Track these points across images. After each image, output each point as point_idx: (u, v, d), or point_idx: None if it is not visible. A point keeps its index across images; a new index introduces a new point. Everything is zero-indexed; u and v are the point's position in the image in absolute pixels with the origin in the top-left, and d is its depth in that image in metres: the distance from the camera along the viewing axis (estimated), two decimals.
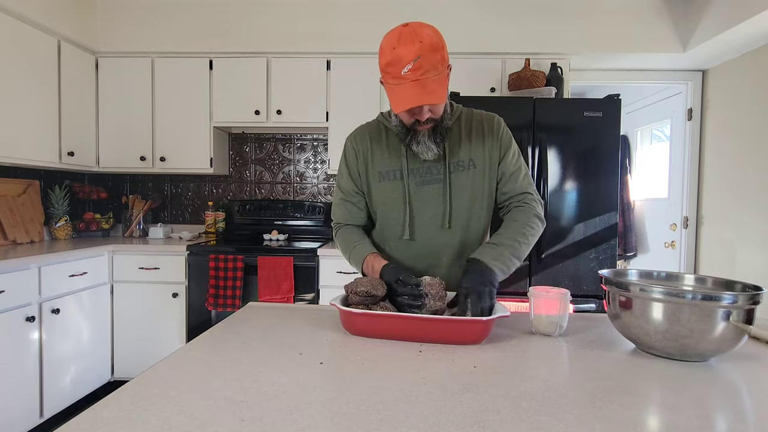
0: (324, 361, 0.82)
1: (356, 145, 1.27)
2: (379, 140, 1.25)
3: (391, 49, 1.02)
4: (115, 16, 2.94)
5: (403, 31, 1.03)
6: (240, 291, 2.56)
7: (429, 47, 1.01)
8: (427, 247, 1.24)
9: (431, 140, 1.15)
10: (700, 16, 2.65)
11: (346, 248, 1.26)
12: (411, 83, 1.02)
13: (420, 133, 1.15)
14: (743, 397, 0.71)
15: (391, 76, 1.04)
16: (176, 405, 0.64)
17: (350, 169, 1.28)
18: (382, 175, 1.23)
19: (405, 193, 1.21)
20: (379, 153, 1.24)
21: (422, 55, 1.00)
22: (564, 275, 2.42)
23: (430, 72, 1.02)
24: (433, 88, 1.03)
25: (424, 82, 1.02)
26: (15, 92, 2.37)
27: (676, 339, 0.82)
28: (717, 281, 0.96)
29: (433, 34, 1.03)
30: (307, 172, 3.32)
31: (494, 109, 2.41)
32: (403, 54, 1.00)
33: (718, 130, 2.96)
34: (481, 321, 0.90)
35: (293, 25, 2.90)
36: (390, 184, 1.23)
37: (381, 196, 1.24)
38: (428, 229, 1.23)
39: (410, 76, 1.01)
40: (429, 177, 1.21)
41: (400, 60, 1.01)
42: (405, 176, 1.21)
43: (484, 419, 0.61)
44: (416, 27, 1.03)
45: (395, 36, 1.03)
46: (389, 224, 1.26)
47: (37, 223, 2.75)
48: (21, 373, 2.06)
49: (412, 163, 1.21)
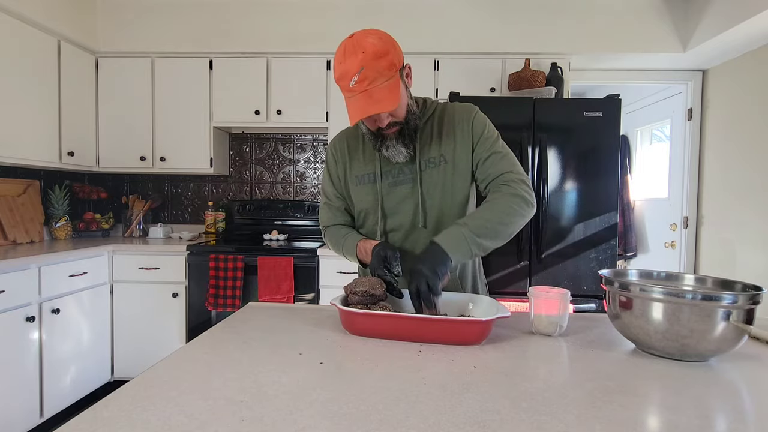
0: (324, 361, 0.82)
1: (335, 151, 1.29)
2: (356, 145, 1.27)
3: (339, 64, 1.04)
4: (115, 16, 2.94)
5: (347, 44, 1.04)
6: (240, 291, 2.56)
7: (372, 56, 1.01)
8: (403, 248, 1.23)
9: (400, 143, 1.15)
10: (700, 16, 2.65)
11: (337, 243, 1.28)
12: (360, 95, 1.03)
13: (387, 137, 1.15)
14: (744, 398, 0.71)
15: (344, 89, 1.06)
16: (176, 405, 0.64)
17: (331, 174, 1.30)
18: (359, 179, 1.25)
19: (378, 195, 1.22)
20: (356, 158, 1.26)
21: (365, 65, 1.00)
22: (564, 275, 2.42)
23: (377, 80, 1.02)
24: (381, 96, 1.03)
25: (371, 92, 1.03)
26: (15, 92, 2.37)
27: (676, 339, 0.82)
28: (717, 281, 0.96)
29: (377, 42, 1.02)
30: (307, 172, 3.32)
31: (494, 109, 2.41)
32: (348, 67, 1.02)
33: (718, 130, 2.96)
34: (480, 321, 0.90)
35: (293, 25, 2.90)
36: (365, 187, 1.24)
37: (358, 199, 1.26)
38: (402, 230, 1.23)
39: (357, 87, 1.02)
40: (401, 177, 1.21)
41: (347, 73, 1.02)
42: (378, 179, 1.22)
43: (484, 419, 0.61)
44: (360, 37, 1.03)
45: (341, 50, 1.04)
46: (368, 227, 1.28)
47: (37, 223, 2.75)
48: (21, 373, 2.06)
49: (385, 166, 1.22)
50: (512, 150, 1.24)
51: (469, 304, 1.09)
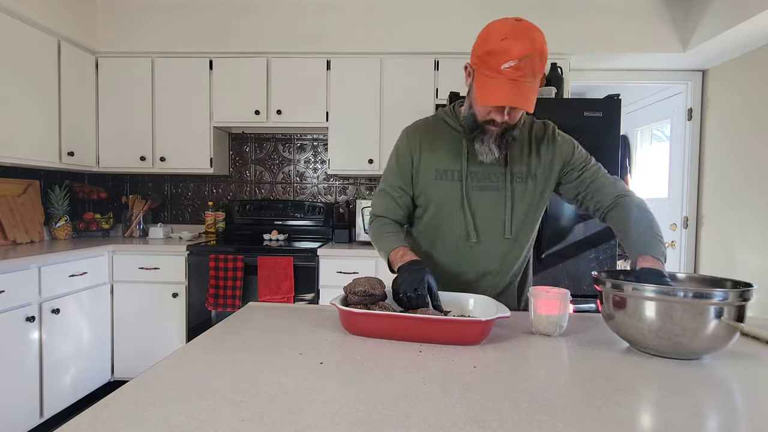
0: (324, 361, 0.82)
1: (412, 141, 1.22)
2: (436, 138, 1.21)
3: (499, 40, 0.96)
4: (115, 16, 2.94)
5: (515, 25, 0.97)
6: (240, 291, 2.56)
7: (539, 51, 0.96)
8: (483, 253, 1.20)
9: (495, 143, 1.10)
10: (700, 16, 2.65)
11: (378, 237, 1.22)
12: (509, 81, 0.96)
13: (488, 132, 1.09)
14: (738, 395, 0.71)
15: (488, 66, 0.98)
16: (176, 405, 0.64)
17: (400, 163, 1.23)
18: (439, 173, 1.19)
19: (463, 195, 1.17)
20: (436, 149, 1.20)
21: (531, 55, 0.95)
22: (564, 275, 2.42)
23: (528, 76, 0.97)
24: (529, 93, 0.98)
25: (521, 84, 0.97)
26: (15, 92, 2.37)
27: (669, 338, 0.82)
28: (708, 279, 0.96)
29: (543, 40, 0.98)
30: (307, 172, 3.33)
31: None
32: (511, 47, 0.95)
33: (718, 130, 2.96)
34: (480, 321, 0.90)
35: (293, 25, 2.90)
36: (447, 184, 1.18)
37: (436, 195, 1.20)
38: (486, 235, 1.19)
39: (509, 73, 0.96)
40: (488, 183, 1.17)
41: (506, 53, 0.95)
42: (464, 178, 1.17)
43: (484, 419, 0.61)
44: (530, 26, 0.98)
45: (507, 27, 0.97)
46: (442, 225, 1.21)
47: (37, 223, 2.75)
48: (21, 373, 2.06)
49: (472, 166, 1.17)
50: None
51: (469, 302, 1.09)
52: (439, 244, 1.24)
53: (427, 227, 1.25)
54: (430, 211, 1.22)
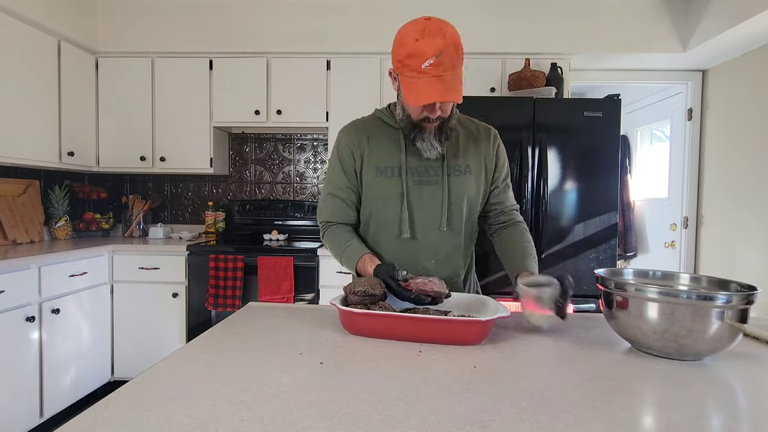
0: (324, 361, 0.82)
1: (350, 140, 1.23)
2: (376, 135, 1.23)
3: (413, 41, 1.00)
4: (115, 16, 2.94)
5: (427, 24, 1.01)
6: (240, 291, 2.56)
7: (452, 44, 1.00)
8: (422, 247, 1.22)
9: (436, 138, 1.14)
10: (700, 16, 2.65)
11: (337, 249, 1.23)
12: (432, 78, 1.00)
13: (426, 130, 1.13)
14: (741, 396, 0.71)
15: (410, 68, 1.02)
16: (176, 405, 0.64)
17: (342, 163, 1.23)
18: (380, 170, 1.21)
19: (403, 190, 1.19)
20: (377, 148, 1.21)
21: (445, 51, 0.99)
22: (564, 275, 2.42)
23: (449, 70, 1.01)
24: (454, 85, 1.02)
25: (444, 78, 1.00)
26: (15, 92, 2.37)
27: (675, 339, 0.82)
28: (712, 281, 0.96)
29: (455, 33, 1.02)
30: (307, 172, 3.32)
31: (494, 109, 2.42)
32: (425, 47, 0.98)
33: (718, 130, 2.96)
34: (480, 321, 0.90)
35: (293, 25, 2.90)
36: (388, 180, 1.20)
37: (377, 192, 1.22)
38: (425, 230, 1.22)
39: (431, 71, 0.99)
40: (427, 177, 1.20)
41: (422, 53, 0.99)
42: (404, 173, 1.19)
43: (484, 419, 0.61)
44: (440, 23, 1.02)
45: (418, 28, 1.01)
46: (384, 222, 1.23)
47: (37, 223, 2.75)
48: (21, 373, 2.06)
49: (411, 161, 1.20)
50: (512, 150, 1.29)
51: (476, 303, 1.09)
52: (381, 240, 1.25)
53: (368, 225, 1.27)
54: (371, 208, 1.24)
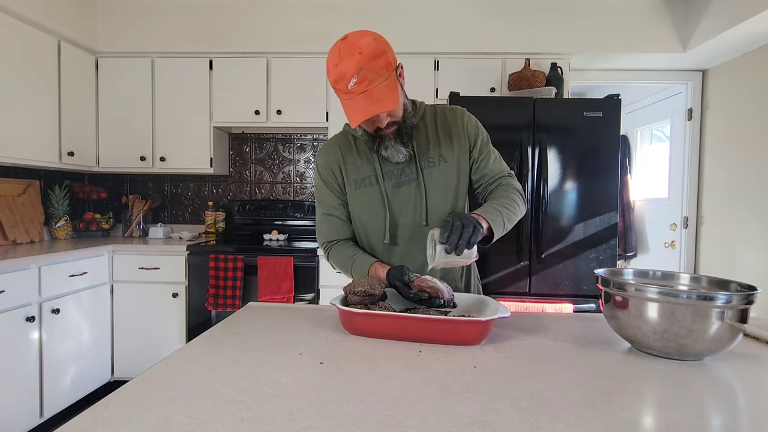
0: (324, 361, 0.82)
1: (327, 158, 1.26)
2: (349, 150, 1.25)
3: (335, 66, 1.03)
4: (115, 16, 2.94)
5: (341, 46, 1.03)
6: (240, 291, 2.56)
7: (369, 56, 1.01)
8: (409, 247, 1.24)
9: (398, 143, 1.16)
10: (700, 16, 2.65)
11: (345, 265, 1.25)
12: (360, 96, 1.02)
13: (386, 138, 1.15)
14: (742, 396, 0.71)
15: (341, 92, 1.04)
16: (176, 405, 0.64)
17: (327, 183, 1.27)
18: (358, 182, 1.23)
19: (383, 197, 1.22)
20: (351, 162, 1.24)
21: (364, 66, 1.00)
22: (564, 275, 2.42)
23: (375, 80, 1.02)
24: (381, 95, 1.03)
25: (371, 92, 1.02)
26: (15, 92, 2.37)
27: (675, 339, 0.82)
28: (712, 281, 0.96)
29: (372, 42, 1.03)
30: (307, 172, 3.33)
31: (494, 109, 2.42)
32: (346, 69, 1.01)
33: (718, 130, 2.96)
34: (480, 321, 0.90)
35: (293, 25, 2.90)
36: (367, 190, 1.23)
37: (359, 203, 1.24)
38: (409, 229, 1.23)
39: (357, 89, 1.02)
40: (404, 178, 1.22)
41: (344, 75, 1.01)
42: (381, 180, 1.22)
43: (484, 419, 0.61)
44: (354, 38, 1.03)
45: (335, 52, 1.03)
46: (372, 230, 1.25)
47: (37, 223, 2.75)
48: (21, 373, 2.06)
49: (386, 167, 1.22)
50: (512, 150, 1.27)
51: (476, 304, 1.09)
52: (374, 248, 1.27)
53: (360, 236, 1.29)
54: (357, 220, 1.27)
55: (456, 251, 0.97)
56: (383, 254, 1.26)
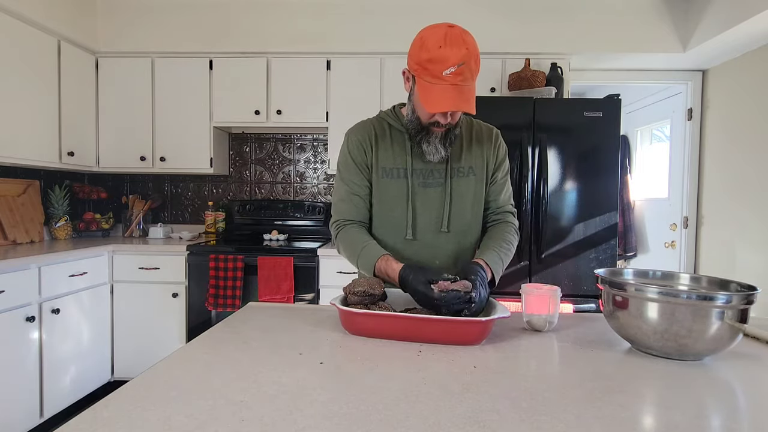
0: (324, 361, 0.82)
1: (361, 137, 1.24)
2: (383, 136, 1.24)
3: (437, 48, 1.01)
4: (115, 16, 2.94)
5: (449, 32, 1.02)
6: (240, 291, 2.56)
7: (474, 55, 1.02)
8: (425, 249, 1.24)
9: (441, 143, 1.16)
10: (700, 16, 2.65)
11: (354, 248, 1.20)
12: (449, 86, 1.02)
13: (433, 134, 1.16)
14: (742, 396, 0.71)
15: (430, 74, 1.03)
16: (176, 405, 0.64)
17: (356, 161, 1.23)
18: (386, 171, 1.23)
19: (408, 192, 1.22)
20: (383, 149, 1.23)
21: (467, 61, 1.00)
22: (564, 275, 2.42)
23: (469, 80, 1.03)
24: (470, 96, 1.04)
25: (462, 89, 1.03)
26: (15, 92, 2.37)
27: (675, 339, 0.82)
28: (712, 281, 0.96)
29: (476, 45, 1.04)
30: (307, 172, 3.32)
31: (494, 109, 2.41)
32: (449, 55, 1.00)
33: (718, 130, 2.96)
34: (480, 321, 0.90)
35: (293, 25, 2.90)
36: (393, 181, 1.22)
37: (382, 193, 1.23)
38: (428, 231, 1.23)
39: (450, 79, 1.01)
40: (431, 180, 1.22)
41: (445, 60, 1.00)
42: (409, 175, 1.21)
43: (484, 419, 0.61)
44: (462, 32, 1.03)
45: (440, 35, 1.01)
46: (388, 223, 1.24)
47: (37, 223, 2.75)
48: (21, 373, 2.06)
49: (416, 163, 1.22)
50: (512, 150, 1.29)
51: None
52: (386, 240, 1.26)
53: (373, 225, 1.28)
54: (376, 208, 1.26)
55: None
56: (394, 248, 1.24)
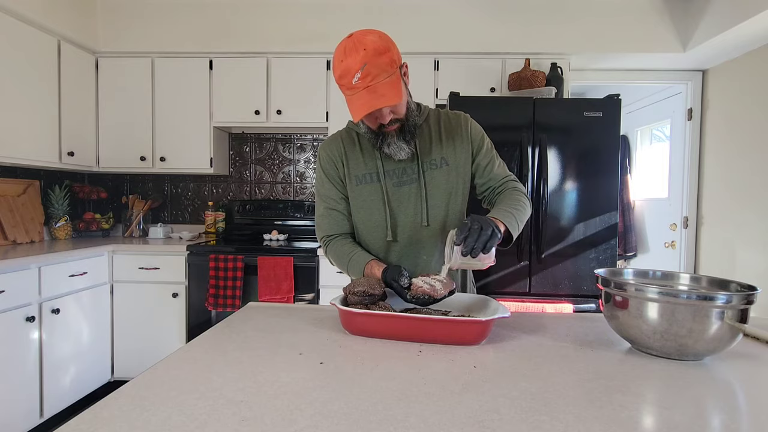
0: (324, 361, 0.82)
1: (330, 152, 1.28)
2: (352, 146, 1.27)
3: (340, 62, 1.05)
4: (115, 16, 2.94)
5: (347, 43, 1.05)
6: (240, 291, 2.56)
7: (373, 53, 1.03)
8: (408, 246, 1.25)
9: (401, 140, 1.17)
10: (700, 16, 2.65)
11: (342, 260, 1.25)
12: (363, 91, 1.04)
13: (388, 135, 1.17)
14: (742, 396, 0.71)
15: (345, 87, 1.06)
16: (176, 405, 0.64)
17: (329, 176, 1.28)
18: (359, 178, 1.25)
19: (383, 195, 1.23)
20: (353, 158, 1.26)
21: (368, 61, 1.02)
22: (564, 275, 2.42)
23: (379, 76, 1.04)
24: (384, 91, 1.05)
25: (374, 87, 1.04)
26: (15, 92, 2.37)
27: (675, 339, 0.82)
28: (712, 281, 0.96)
29: (378, 39, 1.05)
30: (307, 172, 3.32)
31: (494, 109, 2.41)
32: (350, 64, 1.03)
33: (718, 130, 2.96)
34: (480, 321, 0.90)
35: (293, 25, 2.90)
36: (368, 187, 1.24)
37: (360, 199, 1.26)
38: (409, 229, 1.25)
39: (360, 84, 1.03)
40: (405, 177, 1.23)
41: (348, 71, 1.03)
42: (382, 178, 1.23)
43: (484, 419, 0.61)
44: (359, 36, 1.05)
45: (341, 49, 1.05)
46: (370, 227, 1.27)
47: (37, 223, 2.75)
48: (21, 373, 2.06)
49: (387, 165, 1.23)
50: (512, 150, 1.28)
51: (476, 304, 1.09)
52: (371, 245, 1.28)
53: (357, 232, 1.31)
54: (356, 215, 1.28)
55: (472, 254, 0.98)
56: (380, 251, 1.27)
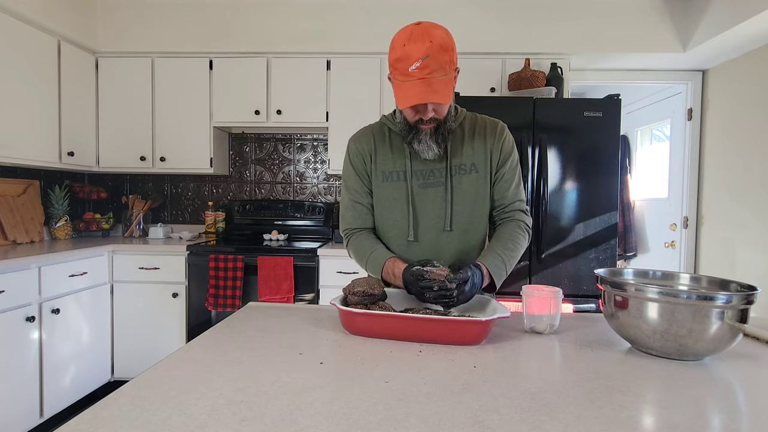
0: (324, 361, 0.82)
1: (359, 145, 1.27)
2: (382, 141, 1.26)
3: (401, 46, 1.03)
4: (115, 16, 2.94)
5: (415, 29, 1.04)
6: (240, 291, 2.56)
7: (439, 47, 1.02)
8: (428, 249, 1.24)
9: (432, 140, 1.16)
10: (700, 16, 2.65)
11: (362, 255, 1.25)
12: (417, 81, 1.03)
13: (422, 131, 1.16)
14: (742, 396, 0.71)
15: (399, 72, 1.04)
16: (176, 405, 0.64)
17: (356, 169, 1.27)
18: (386, 175, 1.24)
19: (408, 194, 1.22)
20: (382, 153, 1.24)
21: (431, 54, 1.01)
22: (564, 275, 2.42)
23: (437, 72, 1.03)
24: (439, 87, 1.04)
25: (430, 81, 1.03)
26: (15, 92, 2.37)
27: (675, 339, 0.82)
28: (712, 281, 0.96)
29: (445, 35, 1.05)
30: (307, 172, 3.32)
31: (494, 109, 2.41)
32: (412, 51, 1.01)
33: (718, 130, 2.96)
34: (480, 321, 0.90)
35: (293, 25, 2.90)
36: (393, 184, 1.23)
37: (383, 196, 1.25)
38: (430, 231, 1.24)
39: (417, 73, 1.02)
40: (432, 180, 1.22)
41: (409, 57, 1.02)
42: (408, 177, 1.22)
43: (484, 419, 0.61)
44: (428, 26, 1.04)
45: (407, 33, 1.04)
46: (390, 225, 1.26)
47: (37, 223, 2.75)
48: (21, 373, 2.06)
49: (415, 165, 1.22)
50: None
51: (476, 304, 1.09)
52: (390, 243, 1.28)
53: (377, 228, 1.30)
54: (379, 212, 1.27)
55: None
56: (399, 250, 1.26)
